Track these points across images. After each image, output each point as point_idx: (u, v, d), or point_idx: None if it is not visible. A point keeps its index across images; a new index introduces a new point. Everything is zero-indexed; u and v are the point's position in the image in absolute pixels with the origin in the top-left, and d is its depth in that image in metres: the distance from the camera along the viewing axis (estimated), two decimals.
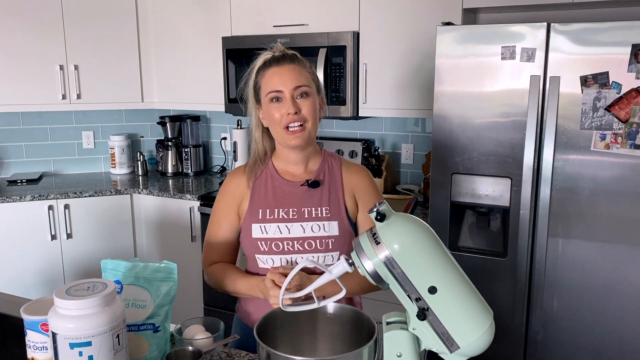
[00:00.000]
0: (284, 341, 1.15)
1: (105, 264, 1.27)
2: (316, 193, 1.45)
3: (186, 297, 3.10)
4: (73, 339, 1.01)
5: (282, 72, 1.38)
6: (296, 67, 1.40)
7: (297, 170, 1.48)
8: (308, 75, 1.42)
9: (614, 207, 2.00)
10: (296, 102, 1.38)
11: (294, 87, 1.37)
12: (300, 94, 1.38)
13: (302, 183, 1.46)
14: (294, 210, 1.43)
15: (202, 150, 3.65)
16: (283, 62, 1.40)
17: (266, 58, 1.43)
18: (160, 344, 1.25)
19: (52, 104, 3.23)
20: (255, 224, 1.44)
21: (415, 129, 3.07)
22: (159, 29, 3.33)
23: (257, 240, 1.43)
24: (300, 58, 1.44)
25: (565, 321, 2.14)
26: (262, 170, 1.49)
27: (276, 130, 1.42)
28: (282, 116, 1.38)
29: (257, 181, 1.48)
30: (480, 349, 0.94)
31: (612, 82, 1.93)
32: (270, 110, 1.40)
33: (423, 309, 0.93)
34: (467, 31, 2.13)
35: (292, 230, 1.42)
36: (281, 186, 1.47)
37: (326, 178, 1.48)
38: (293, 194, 1.45)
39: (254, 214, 1.45)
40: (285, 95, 1.37)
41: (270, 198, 1.46)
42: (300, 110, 1.38)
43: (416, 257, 0.93)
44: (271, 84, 1.39)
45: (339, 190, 1.47)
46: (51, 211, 3.04)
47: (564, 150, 2.04)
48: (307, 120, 1.39)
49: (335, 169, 1.50)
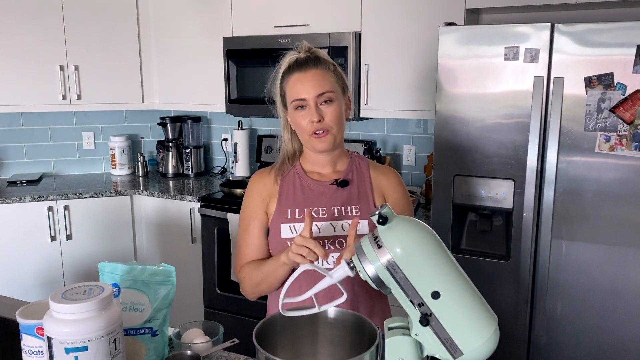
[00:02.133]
0: (283, 346, 1.13)
1: (103, 267, 1.25)
2: (345, 192, 1.44)
3: (186, 300, 3.09)
4: (69, 343, 0.99)
5: (305, 78, 1.37)
6: (319, 72, 1.38)
7: (325, 170, 1.48)
8: (332, 78, 1.40)
9: (618, 210, 1.98)
10: (320, 109, 1.37)
11: (317, 94, 1.36)
12: (325, 100, 1.37)
13: (331, 182, 1.45)
14: (324, 210, 1.42)
15: (203, 151, 3.64)
16: (306, 67, 1.38)
17: (290, 60, 1.41)
18: (158, 348, 1.23)
19: (53, 105, 3.22)
20: (284, 224, 1.42)
21: (417, 130, 3.05)
22: (160, 29, 3.32)
23: (287, 240, 1.40)
24: (324, 59, 1.41)
25: (569, 325, 2.12)
26: (289, 170, 1.49)
27: (302, 136, 1.42)
28: (307, 124, 1.37)
29: (285, 181, 1.47)
30: (484, 355, 0.92)
31: (617, 83, 1.91)
32: (296, 117, 1.40)
33: (426, 314, 0.91)
34: (469, 32, 2.12)
35: (323, 229, 1.40)
36: (310, 186, 1.46)
37: (355, 177, 1.47)
38: (322, 194, 1.44)
39: (283, 214, 1.43)
40: (309, 103, 1.37)
41: (299, 197, 1.44)
42: (324, 117, 1.37)
43: (419, 261, 0.91)
44: (294, 91, 1.38)
45: (367, 189, 1.46)
46: (51, 212, 3.02)
47: (568, 152, 2.02)
48: (331, 127, 1.38)
49: (363, 169, 1.49)
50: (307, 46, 1.42)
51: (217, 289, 2.98)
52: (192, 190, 3.20)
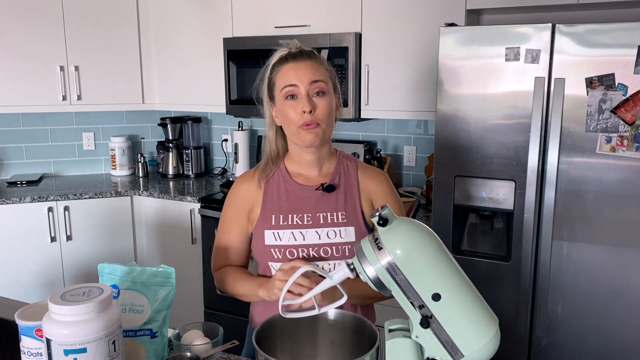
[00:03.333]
0: (283, 348, 1.13)
1: (102, 268, 1.25)
2: (332, 197, 1.39)
3: (186, 301, 3.08)
4: (67, 345, 0.99)
5: (299, 67, 1.33)
6: (314, 63, 1.34)
7: (311, 173, 1.43)
8: (326, 72, 1.36)
9: (619, 211, 1.97)
10: (312, 99, 1.32)
11: (310, 81, 1.31)
12: (317, 91, 1.32)
13: (317, 187, 1.40)
14: (309, 216, 1.37)
15: (203, 152, 3.63)
16: (300, 58, 1.34)
17: (282, 54, 1.37)
18: (157, 349, 1.22)
19: (53, 105, 3.22)
20: (268, 231, 1.38)
21: (417, 131, 3.05)
22: (160, 29, 3.32)
23: (271, 247, 1.38)
24: (318, 55, 1.38)
25: (570, 326, 2.11)
26: (273, 172, 1.44)
27: (290, 128, 1.35)
28: (297, 115, 1.32)
29: (269, 185, 1.43)
30: (485, 357, 0.91)
31: (618, 84, 1.90)
32: (285, 108, 1.34)
33: (426, 316, 0.91)
34: (470, 32, 2.11)
35: (307, 236, 1.36)
36: (295, 190, 1.41)
37: (342, 182, 1.42)
38: (307, 199, 1.39)
39: (267, 220, 1.39)
40: (300, 91, 1.32)
41: (283, 203, 1.40)
42: (316, 109, 1.32)
43: (419, 263, 0.90)
44: (286, 78, 1.33)
45: (355, 194, 1.41)
46: (51, 213, 3.02)
47: (569, 153, 2.01)
48: (322, 120, 1.33)
49: (351, 172, 1.44)
50: (298, 44, 1.38)
51: (218, 290, 2.97)
52: (192, 191, 3.19)
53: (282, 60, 1.37)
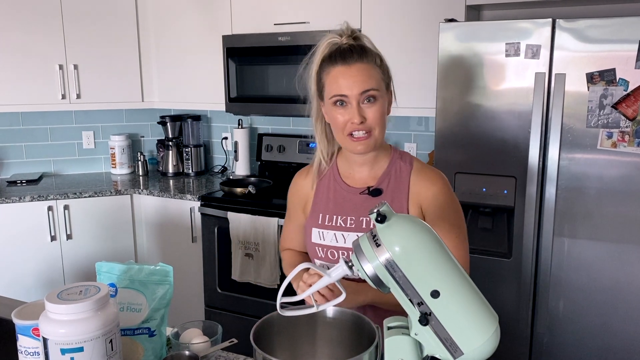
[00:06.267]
0: (281, 346, 1.12)
1: (100, 267, 1.24)
2: (377, 202, 1.33)
3: (187, 299, 3.08)
4: (64, 344, 0.98)
5: (350, 73, 1.24)
6: (365, 67, 1.25)
7: (361, 173, 1.38)
8: (377, 74, 1.27)
9: (621, 207, 1.96)
10: (362, 108, 1.25)
11: (361, 92, 1.24)
12: (368, 98, 1.25)
13: (363, 190, 1.36)
14: (352, 219, 1.35)
15: (203, 150, 3.63)
16: (351, 59, 1.25)
17: (332, 46, 1.29)
18: (156, 348, 1.22)
19: (52, 104, 3.21)
20: (315, 229, 1.40)
21: (418, 127, 3.04)
22: (159, 27, 3.31)
23: (315, 245, 1.39)
24: (370, 51, 1.28)
25: (571, 323, 2.10)
26: (327, 170, 1.43)
27: (339, 134, 1.30)
28: (346, 122, 1.26)
29: (321, 183, 1.43)
30: (485, 354, 0.90)
31: (619, 79, 1.89)
32: (334, 113, 1.28)
33: (425, 313, 0.90)
34: (470, 28, 2.10)
35: (348, 239, 1.34)
36: (342, 191, 1.39)
37: (390, 185, 1.35)
38: (352, 202, 1.36)
39: (315, 218, 1.41)
40: (350, 101, 1.24)
41: (330, 203, 1.39)
42: (366, 118, 1.25)
43: (418, 260, 0.89)
44: (336, 86, 1.25)
45: (403, 199, 1.33)
46: (51, 212, 3.01)
47: (570, 149, 2.00)
48: (373, 128, 1.26)
49: (403, 174, 1.35)
50: (350, 29, 1.29)
51: (218, 288, 2.97)
52: (192, 189, 3.18)
53: (331, 58, 1.29)
